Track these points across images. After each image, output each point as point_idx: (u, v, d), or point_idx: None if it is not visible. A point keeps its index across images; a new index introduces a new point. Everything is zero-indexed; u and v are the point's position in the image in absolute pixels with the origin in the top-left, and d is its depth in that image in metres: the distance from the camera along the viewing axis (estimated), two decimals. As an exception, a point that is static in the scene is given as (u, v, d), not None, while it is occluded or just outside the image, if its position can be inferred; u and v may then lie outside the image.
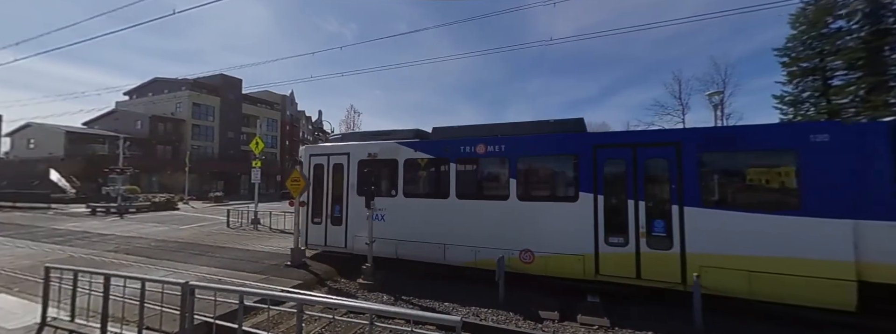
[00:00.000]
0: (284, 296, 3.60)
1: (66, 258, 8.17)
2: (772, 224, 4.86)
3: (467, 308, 5.58)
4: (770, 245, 4.86)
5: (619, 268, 5.63)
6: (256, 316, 4.94)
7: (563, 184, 6.42)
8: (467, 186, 6.98)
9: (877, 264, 4.46)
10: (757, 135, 5.21)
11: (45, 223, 14.71)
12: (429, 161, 7.30)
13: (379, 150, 7.86)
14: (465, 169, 7.05)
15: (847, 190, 4.60)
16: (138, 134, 36.92)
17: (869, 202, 4.53)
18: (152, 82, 42.74)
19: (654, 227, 5.48)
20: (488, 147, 6.77)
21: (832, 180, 4.66)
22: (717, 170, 5.47)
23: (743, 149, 5.24)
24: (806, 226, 4.71)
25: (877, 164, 4.56)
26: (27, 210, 20.31)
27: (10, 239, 10.84)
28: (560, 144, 6.42)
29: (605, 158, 5.91)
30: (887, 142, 4.54)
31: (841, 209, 4.60)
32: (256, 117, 41.88)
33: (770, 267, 4.85)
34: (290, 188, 7.76)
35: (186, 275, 6.61)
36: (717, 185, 5.43)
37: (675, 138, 5.57)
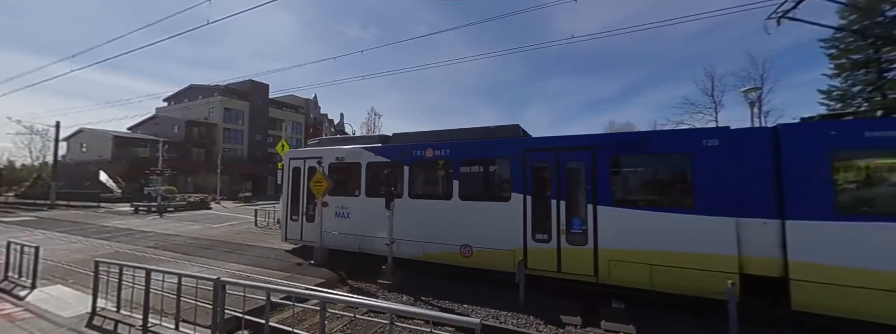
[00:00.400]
0: (308, 294, 3.71)
1: (112, 253, 8.83)
2: (670, 221, 5.31)
3: (487, 310, 5.52)
4: (669, 240, 5.30)
5: (543, 263, 6.15)
6: (282, 313, 5.12)
7: (497, 185, 7.00)
8: (418, 187, 7.67)
9: (755, 258, 4.91)
10: (659, 140, 5.70)
11: (95, 220, 15.97)
12: (387, 164, 7.85)
13: (346, 155, 8.60)
14: (417, 171, 7.72)
15: (732, 190, 5.03)
16: (175, 137, 39.40)
17: (750, 201, 4.94)
18: (188, 89, 45.49)
19: (573, 225, 6.00)
20: (436, 151, 7.40)
21: (720, 181, 5.09)
22: (626, 172, 6.00)
23: (647, 153, 5.70)
24: (698, 224, 5.14)
25: (758, 166, 4.96)
26: (80, 208, 22.13)
27: (66, 234, 11.85)
28: (495, 148, 6.92)
29: (534, 161, 6.40)
30: (769, 145, 4.92)
31: (727, 208, 5.02)
32: (282, 120, 43.59)
33: (668, 261, 5.29)
34: (313, 189, 8.00)
35: (218, 272, 6.96)
36: (626, 186, 5.96)
37: (591, 143, 6.03)
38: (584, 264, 5.85)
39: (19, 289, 5.72)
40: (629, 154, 5.85)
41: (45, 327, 4.41)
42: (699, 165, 5.25)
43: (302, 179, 9.22)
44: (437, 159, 7.40)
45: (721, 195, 5.08)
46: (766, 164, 4.93)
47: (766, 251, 4.85)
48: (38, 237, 11.04)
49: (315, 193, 7.98)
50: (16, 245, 6.31)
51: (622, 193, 5.84)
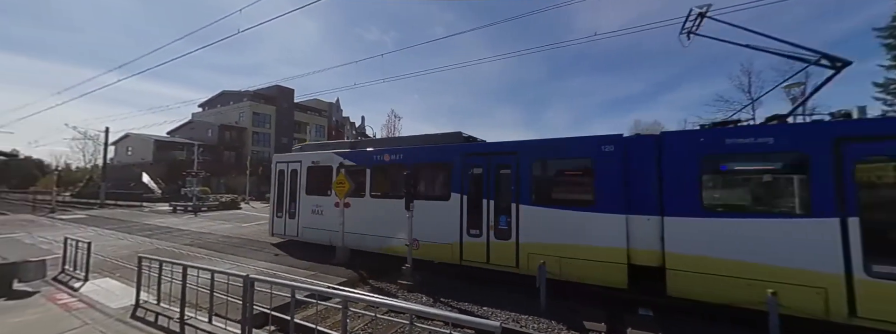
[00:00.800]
0: (331, 293, 3.81)
1: (153, 249, 9.46)
2: (576, 218, 6.00)
3: (506, 313, 5.45)
4: (574, 235, 6.00)
5: (475, 255, 6.93)
6: (306, 310, 5.28)
7: (440, 186, 7.72)
8: (377, 187, 8.54)
9: (640, 250, 5.55)
10: (568, 146, 6.35)
11: (138, 218, 17.19)
12: (353, 167, 8.83)
13: (321, 159, 9.58)
14: (376, 173, 8.61)
15: (623, 190, 5.67)
16: (209, 141, 41.73)
17: (637, 200, 5.58)
18: (220, 95, 48.12)
19: (500, 222, 6.74)
20: (391, 156, 8.33)
21: (614, 182, 5.75)
22: (542, 174, 6.61)
23: (558, 157, 6.42)
24: (597, 220, 5.81)
25: (644, 169, 5.58)
26: (125, 207, 23.91)
27: (113, 231, 12.83)
28: (439, 154, 7.79)
29: (469, 165, 7.22)
30: (653, 151, 5.53)
31: (619, 206, 5.67)
32: (306, 124, 45.20)
33: (574, 254, 5.98)
34: (336, 190, 8.22)
35: (247, 269, 7.29)
36: (542, 187, 6.54)
37: (514, 149, 6.77)
38: (509, 256, 6.60)
39: (74, 281, 6.25)
40: (544, 158, 6.56)
41: (96, 317, 4.79)
42: (598, 168, 5.93)
43: (286, 180, 10.31)
44: (393, 163, 8.28)
45: (615, 195, 5.74)
46: (650, 168, 5.56)
47: (649, 244, 5.49)
48: (90, 233, 12.01)
49: (338, 194, 8.19)
50: (72, 241, 6.91)
51: (539, 193, 6.49)
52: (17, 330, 4.35)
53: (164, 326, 4.49)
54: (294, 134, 49.23)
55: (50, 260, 6.69)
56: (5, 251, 8.66)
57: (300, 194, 9.95)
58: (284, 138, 48.20)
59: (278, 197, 10.51)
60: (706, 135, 5.23)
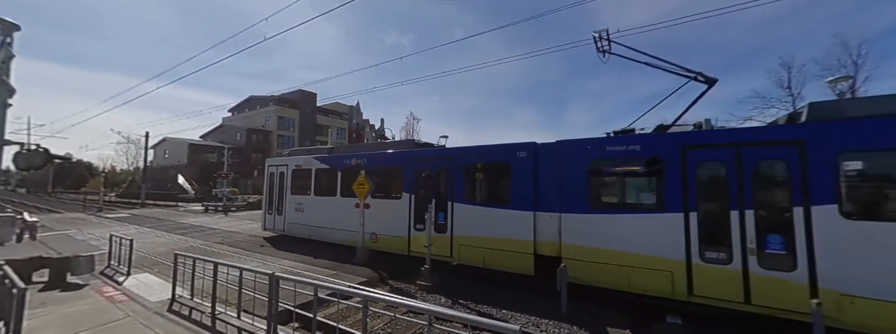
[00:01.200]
0: (352, 292, 3.89)
1: (187, 247, 10.02)
2: (495, 214, 6.92)
3: (526, 317, 5.37)
4: (494, 229, 6.91)
5: (420, 246, 7.68)
6: (328, 308, 5.42)
7: (395, 186, 8.72)
8: (346, 188, 9.39)
9: (543, 242, 6.44)
10: (493, 152, 7.34)
11: (174, 218, 18.27)
12: (328, 170, 10.17)
13: (302, 162, 10.88)
14: (345, 175, 9.64)
15: (533, 190, 6.61)
16: (238, 144, 43.81)
17: (542, 199, 6.49)
18: (248, 100, 50.43)
19: (440, 218, 7.75)
20: (357, 160, 9.43)
21: (526, 183, 6.68)
22: (472, 176, 7.55)
23: (485, 162, 7.41)
24: (512, 216, 6.70)
25: (548, 172, 6.50)
26: (163, 206, 25.50)
27: (152, 230, 13.72)
28: (394, 158, 8.90)
29: (417, 168, 8.25)
30: (554, 157, 6.44)
31: (528, 204, 6.60)
32: (328, 127, 46.51)
33: (495, 246, 6.91)
34: (355, 191, 8.40)
35: (273, 267, 7.57)
36: (470, 187, 7.54)
37: (451, 154, 7.86)
38: (445, 247, 7.58)
39: (118, 276, 6.73)
40: (473, 163, 7.53)
41: (137, 309, 5.13)
42: (514, 171, 6.81)
43: (275, 182, 11.74)
44: (359, 167, 9.27)
45: (526, 194, 6.66)
46: (552, 171, 6.45)
47: (550, 237, 6.34)
48: (131, 231, 12.90)
49: (358, 196, 8.36)
50: (116, 238, 7.45)
51: (468, 193, 7.51)
52: (69, 319, 4.73)
53: (197, 320, 4.74)
54: (316, 136, 50.78)
55: (97, 255, 7.23)
56: (60, 246, 9.45)
57: (286, 194, 11.33)
58: (307, 141, 49.81)
59: (269, 196, 12.05)
60: (592, 143, 6.13)
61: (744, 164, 4.93)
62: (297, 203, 10.87)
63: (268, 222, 11.98)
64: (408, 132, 44.80)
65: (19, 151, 4.89)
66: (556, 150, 6.48)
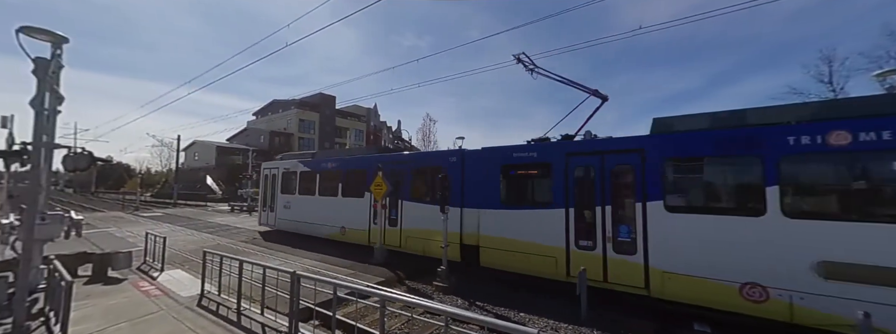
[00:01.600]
0: (370, 292, 3.95)
1: (215, 245, 10.49)
2: (434, 211, 7.54)
3: (544, 320, 5.27)
4: (432, 222, 7.87)
5: (374, 239, 9.28)
6: (346, 307, 5.52)
7: (360, 187, 9.93)
8: (324, 188, 11.23)
9: (466, 234, 7.70)
10: (433, 157, 9.26)
11: (203, 217, 19.18)
12: (310, 172, 11.76)
13: (290, 166, 12.50)
14: (323, 177, 11.31)
15: (460, 189, 7.83)
16: (261, 146, 45.49)
17: (468, 196, 7.76)
18: (271, 104, 52.34)
19: (392, 214, 9.18)
20: (331, 164, 11.11)
21: (456, 184, 7.79)
22: (417, 178, 8.94)
23: (427, 166, 8.77)
24: (449, 213, 7.27)
25: (471, 174, 7.76)
26: (193, 206, 26.83)
27: (183, 228, 14.46)
28: (360, 163, 10.27)
29: (377, 172, 8.97)
30: (477, 162, 7.65)
31: (457, 201, 7.75)
32: (347, 129, 47.51)
33: (432, 237, 8.05)
34: (373, 192, 8.53)
35: (294, 265, 7.80)
36: (416, 187, 8.90)
37: (403, 159, 9.47)
38: (396, 238, 8.98)
39: (153, 271, 7.14)
40: (418, 166, 9.00)
41: (169, 304, 5.42)
42: (448, 174, 7.56)
43: (268, 183, 13.39)
44: (334, 169, 10.95)
45: (455, 193, 7.78)
46: (474, 173, 7.74)
47: (472, 229, 7.56)
48: (165, 229, 13.64)
49: (375, 196, 8.51)
50: (151, 236, 7.90)
51: (414, 192, 8.89)
52: (110, 310, 5.05)
53: (224, 315, 4.95)
54: (335, 138, 52.01)
55: (134, 252, 7.70)
56: (102, 243, 10.12)
57: (277, 193, 12.92)
58: (327, 143, 51.08)
59: (263, 195, 13.80)
60: (504, 150, 7.30)
61: (605, 168, 6.04)
62: (286, 201, 12.51)
63: (262, 218, 13.74)
64: (424, 133, 45.08)
65: (67, 154, 5.29)
66: (478, 156, 7.75)
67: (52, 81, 4.54)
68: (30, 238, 4.42)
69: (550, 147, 6.86)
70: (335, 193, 10.72)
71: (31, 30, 4.30)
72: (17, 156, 4.81)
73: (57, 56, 4.59)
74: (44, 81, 4.40)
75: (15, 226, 5.71)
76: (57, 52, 4.60)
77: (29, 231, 4.42)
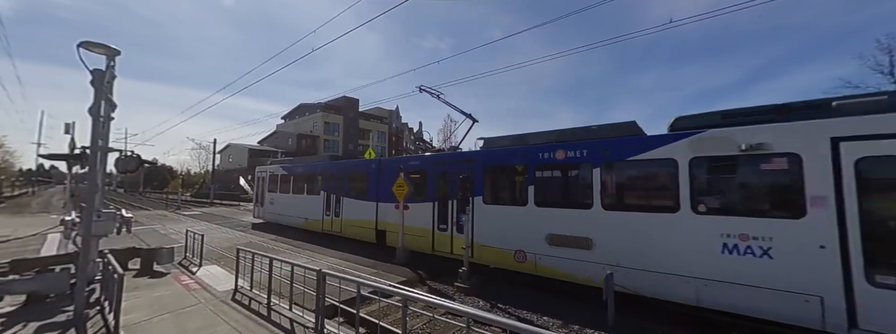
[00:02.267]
0: (392, 291, 4.01)
1: (247, 242, 11.05)
2: (362, 205, 10.87)
3: (568, 326, 5.12)
4: (361, 213, 10.90)
5: (324, 226, 12.39)
6: (369, 305, 5.64)
7: (316, 187, 13.11)
8: (294, 188, 14.32)
9: (380, 221, 10.35)
10: (361, 164, 11.61)
11: (237, 216, 20.26)
12: (286, 175, 14.94)
13: (274, 170, 15.77)
14: (295, 179, 14.41)
15: (376, 189, 10.46)
16: (289, 148, 47.48)
17: (382, 194, 10.21)
18: (298, 107, 54.51)
19: (336, 207, 11.97)
20: (300, 169, 14.37)
21: (373, 185, 10.60)
22: (352, 179, 11.67)
23: (358, 171, 11.54)
24: (368, 205, 10.64)
25: (383, 177, 10.20)
26: (228, 205, 28.41)
27: (218, 226, 15.35)
28: (316, 167, 13.52)
29: (326, 174, 12.65)
30: (388, 167, 10.22)
31: (374, 198, 10.51)
32: (369, 131, 48.54)
33: (360, 225, 10.91)
34: (395, 193, 8.66)
35: (320, 263, 8.07)
36: (351, 187, 11.59)
37: (344, 166, 12.37)
38: (336, 227, 11.87)
39: (192, 267, 7.63)
40: (353, 171, 11.84)
41: (207, 297, 5.77)
42: (369, 177, 10.74)
43: (261, 184, 16.69)
44: (301, 173, 14.22)
45: (374, 191, 10.50)
46: (386, 176, 10.08)
47: (383, 218, 10.14)
48: (202, 227, 14.54)
49: (397, 197, 8.64)
50: (191, 233, 8.45)
51: (350, 191, 11.59)
52: (156, 302, 5.45)
53: (256, 310, 5.20)
54: (359, 140, 53.32)
55: (176, 248, 8.26)
56: (148, 239, 10.95)
57: (266, 192, 16.10)
58: (350, 145, 52.47)
59: (256, 194, 17.13)
60: (403, 159, 10.36)
61: (456, 173, 7.99)
62: (271, 199, 15.74)
63: (256, 212, 16.97)
64: (446, 135, 45.15)
65: (119, 157, 5.78)
66: (389, 163, 10.35)
67: (107, 90, 4.96)
68: (88, 233, 4.86)
69: (426, 158, 9.41)
70: (301, 192, 13.90)
71: (90, 44, 4.74)
72: (78, 159, 5.30)
73: (111, 67, 5.03)
74: (100, 91, 4.83)
75: (76, 223, 6.31)
76: (111, 64, 5.03)
77: (87, 227, 4.86)
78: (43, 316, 4.77)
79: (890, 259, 3.89)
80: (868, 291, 3.92)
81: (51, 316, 4.79)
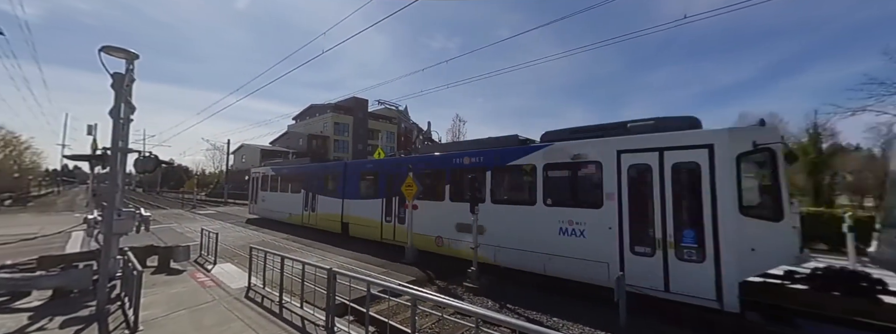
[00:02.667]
0: (402, 290, 4.03)
1: (260, 241, 11.27)
2: (330, 201, 12.98)
3: (579, 327, 5.05)
4: (330, 208, 12.95)
5: (307, 220, 14.34)
6: (379, 304, 5.68)
7: (299, 186, 15.16)
8: (283, 186, 16.43)
9: (345, 215, 12.25)
10: (331, 167, 13.90)
11: (249, 215, 20.68)
12: (274, 175, 17.27)
13: (265, 171, 18.19)
14: (282, 179, 16.60)
15: (342, 188, 12.48)
16: (300, 149, 48.21)
17: (347, 192, 12.26)
18: (308, 108, 55.28)
19: (313, 203, 14.10)
20: (285, 170, 16.64)
21: (340, 184, 12.63)
22: (325, 180, 13.69)
23: (328, 173, 13.69)
24: (334, 202, 12.71)
25: (348, 178, 12.40)
26: (241, 205, 29.02)
27: (232, 225, 15.69)
28: (298, 169, 15.84)
29: (307, 175, 14.73)
30: (351, 170, 12.45)
31: (340, 195, 12.53)
32: (378, 131, 48.87)
33: (329, 218, 12.91)
34: (404, 192, 8.70)
35: (331, 262, 8.17)
36: (324, 186, 13.64)
37: (318, 167, 14.74)
38: (313, 220, 13.95)
39: (207, 264, 7.82)
40: (326, 172, 13.80)
41: (221, 294, 5.91)
42: (339, 178, 12.78)
43: (255, 184, 19.02)
44: (286, 174, 16.52)
45: (340, 190, 12.54)
46: (350, 177, 12.31)
47: (347, 212, 12.16)
48: (216, 226, 14.89)
49: (406, 196, 8.68)
50: (206, 231, 8.66)
51: (324, 189, 13.59)
52: (173, 298, 5.61)
53: (268, 307, 5.30)
54: (368, 140, 53.74)
55: (192, 246, 8.48)
56: (165, 237, 11.28)
57: (259, 191, 18.44)
58: (360, 145, 52.94)
59: (250, 192, 19.58)
60: (362, 163, 12.85)
61: (396, 175, 10.21)
62: (262, 196, 18.12)
63: (250, 208, 19.48)
64: (454, 134, 45.13)
65: (138, 158, 5.96)
66: (354, 166, 12.61)
67: (126, 93, 5.13)
68: (109, 232, 5.03)
69: (377, 162, 11.98)
70: (286, 190, 16.12)
71: (110, 49, 4.90)
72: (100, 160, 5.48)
73: (130, 71, 5.19)
74: (120, 93, 4.99)
75: (98, 221, 6.54)
76: (130, 67, 5.19)
77: (108, 225, 5.03)
78: (68, 310, 4.97)
79: (641, 235, 5.67)
80: (632, 258, 5.71)
81: (75, 310, 4.98)
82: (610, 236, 5.89)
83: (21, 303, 5.29)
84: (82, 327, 4.46)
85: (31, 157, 46.56)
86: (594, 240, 6.08)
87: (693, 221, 5.19)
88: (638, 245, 5.64)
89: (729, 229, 4.91)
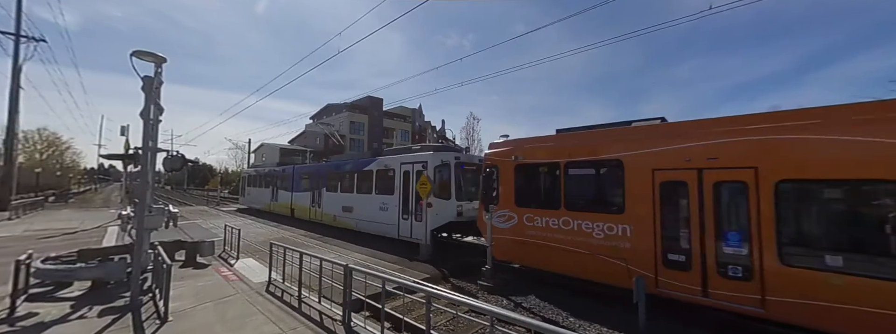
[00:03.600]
0: (416, 287, 4.06)
1: (279, 237, 11.62)
2: (287, 194, 18.03)
3: (596, 327, 4.97)
4: (285, 199, 18.08)
5: (270, 208, 19.76)
6: (394, 301, 5.75)
7: (270, 184, 20.08)
8: (262, 183, 21.19)
9: (294, 205, 17.38)
10: (286, 169, 18.88)
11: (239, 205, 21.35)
12: (256, 175, 22.65)
13: (250, 172, 23.93)
14: (264, 178, 21.16)
15: (292, 185, 17.73)
16: (317, 147, 49.27)
17: (295, 188, 17.47)
18: (325, 108, 56.32)
19: (278, 196, 19.04)
20: (267, 170, 21.04)
21: (293, 182, 17.69)
22: (282, 179, 18.85)
23: (285, 173, 18.65)
24: (288, 195, 17.89)
25: (295, 177, 17.69)
26: (261, 202, 29.97)
27: (253, 221, 16.25)
28: (271, 171, 20.48)
29: (274, 176, 19.70)
30: (297, 170, 18.01)
31: (292, 190, 17.71)
32: (393, 129, 49.29)
33: (285, 206, 18.04)
34: (419, 190, 8.75)
35: (347, 259, 8.32)
36: (284, 182, 18.52)
37: (283, 170, 19.15)
38: (275, 208, 19.13)
39: (231, 259, 8.13)
40: (283, 173, 18.70)
41: (243, 288, 6.14)
42: (289, 177, 17.96)
43: (249, 181, 23.19)
44: (261, 174, 21.48)
45: (291, 186, 17.60)
46: (296, 177, 17.51)
47: (295, 203, 17.25)
48: (239, 222, 15.46)
49: (421, 194, 8.73)
50: (229, 227, 9.00)
51: (286, 186, 18.04)
52: (199, 291, 5.88)
53: (288, 302, 5.46)
54: (383, 139, 54.29)
55: (216, 241, 8.84)
56: (191, 232, 11.80)
57: (250, 188, 22.92)
58: (375, 143, 53.51)
59: (241, 188, 24.84)
60: (303, 167, 18.25)
61: (316, 176, 15.65)
62: (248, 192, 23.11)
63: (240, 201, 24.92)
64: (468, 132, 45.00)
65: (166, 157, 6.26)
66: (299, 168, 17.43)
67: (156, 95, 5.38)
68: (141, 227, 5.31)
69: (308, 167, 17.02)
70: (261, 186, 21.00)
71: (140, 53, 5.14)
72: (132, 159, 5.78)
73: (158, 74, 5.44)
74: (150, 95, 5.24)
75: (130, 217, 6.92)
76: (158, 71, 5.44)
77: (140, 221, 5.31)
78: (104, 300, 5.29)
79: (404, 208, 10.24)
80: (399, 221, 10.35)
81: (111, 300, 5.30)
82: (395, 210, 10.50)
83: (63, 293, 5.67)
84: (118, 316, 4.74)
85: (71, 157, 49.72)
86: (392, 212, 10.66)
87: (418, 200, 9.44)
88: (404, 213, 10.15)
89: (432, 203, 9.05)
